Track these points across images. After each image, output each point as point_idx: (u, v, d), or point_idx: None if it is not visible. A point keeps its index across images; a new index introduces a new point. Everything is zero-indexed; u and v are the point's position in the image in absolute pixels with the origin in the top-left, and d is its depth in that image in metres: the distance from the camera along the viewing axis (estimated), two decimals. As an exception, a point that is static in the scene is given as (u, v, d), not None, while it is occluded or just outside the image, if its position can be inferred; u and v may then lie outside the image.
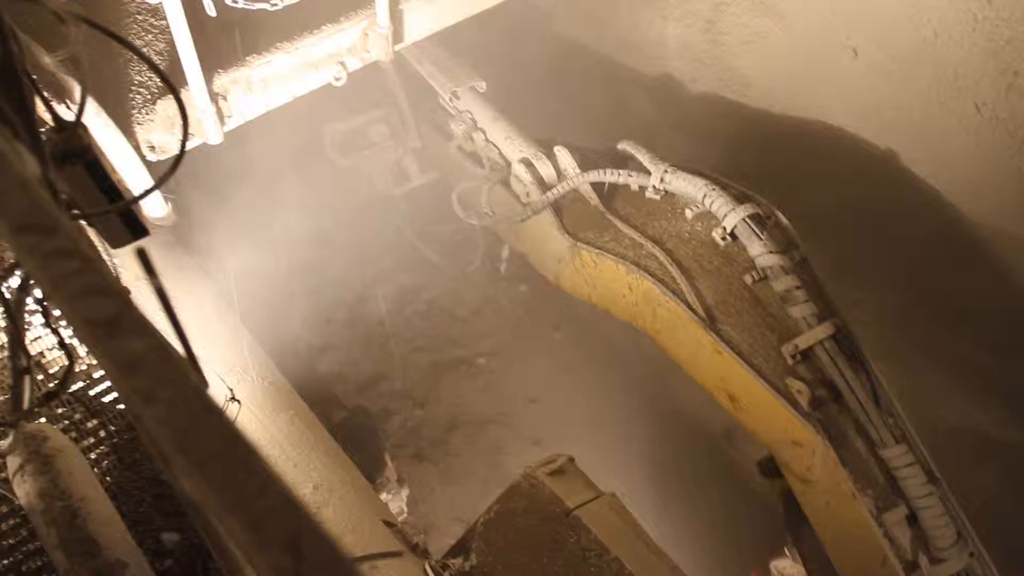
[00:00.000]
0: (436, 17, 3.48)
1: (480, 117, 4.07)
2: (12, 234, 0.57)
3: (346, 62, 3.34)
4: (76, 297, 0.54)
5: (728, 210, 3.09)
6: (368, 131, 4.72)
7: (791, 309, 3.04)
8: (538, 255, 4.00)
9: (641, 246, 3.35)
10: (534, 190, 3.68)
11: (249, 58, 3.13)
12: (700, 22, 4.42)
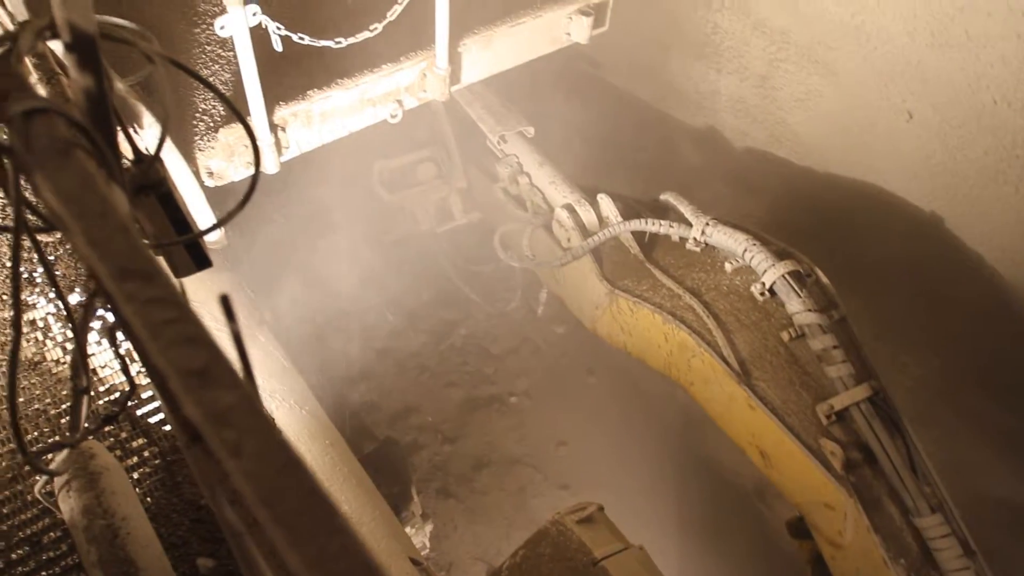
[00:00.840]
0: (492, 62, 3.55)
1: (526, 161, 4.13)
2: (113, 279, 0.59)
3: (403, 100, 3.42)
4: (171, 346, 0.56)
5: (768, 266, 3.08)
6: (416, 169, 4.82)
7: (828, 369, 3.00)
8: (576, 300, 4.01)
9: (679, 297, 3.35)
10: (575, 236, 3.70)
11: (310, 92, 3.21)
12: (753, 77, 4.44)
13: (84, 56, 1.00)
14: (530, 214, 4.07)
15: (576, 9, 3.60)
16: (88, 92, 1.03)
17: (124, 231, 0.61)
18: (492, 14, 3.51)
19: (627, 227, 3.53)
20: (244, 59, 2.85)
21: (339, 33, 3.21)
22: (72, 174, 0.65)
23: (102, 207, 0.62)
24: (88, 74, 1.02)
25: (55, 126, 0.74)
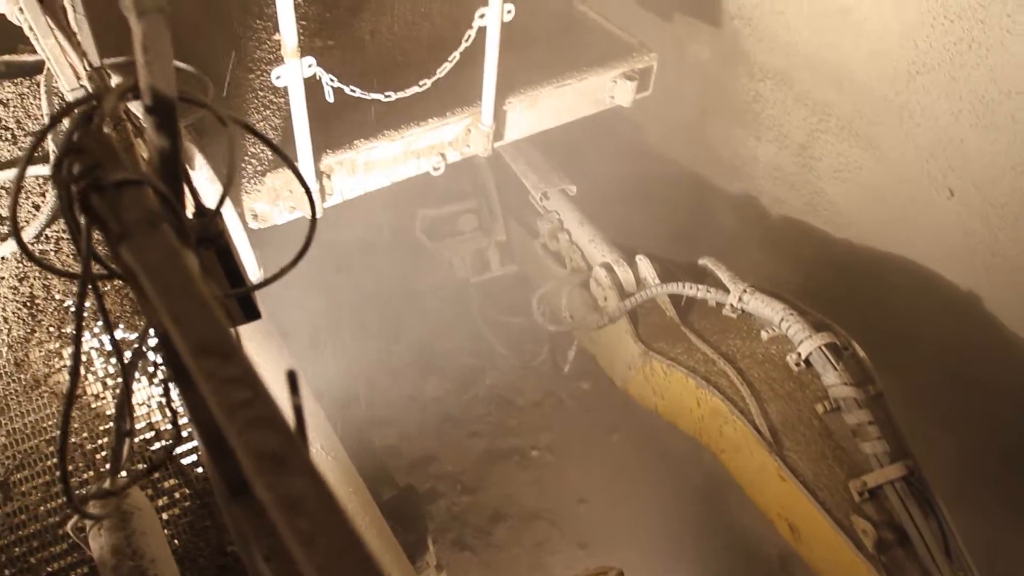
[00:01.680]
0: (535, 120, 3.61)
1: (567, 219, 4.18)
2: (192, 356, 0.61)
3: (446, 154, 3.48)
4: (247, 428, 0.57)
5: (804, 336, 3.07)
6: (458, 220, 4.90)
7: (863, 444, 2.95)
8: (608, 358, 4.00)
9: (713, 362, 3.34)
10: (612, 295, 3.72)
11: (357, 142, 3.29)
12: (793, 146, 4.46)
13: (162, 118, 1.04)
14: (568, 271, 4.10)
15: (621, 73, 3.67)
16: (162, 152, 1.07)
17: (205, 307, 0.63)
18: (538, 75, 3.58)
19: (664, 289, 3.54)
20: (296, 108, 2.93)
21: (389, 87, 3.30)
22: (159, 248, 0.67)
23: (185, 283, 0.64)
24: (164, 135, 1.06)
25: (144, 197, 0.77)
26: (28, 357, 2.33)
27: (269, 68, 3.75)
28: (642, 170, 5.20)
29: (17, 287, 2.51)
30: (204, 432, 1.11)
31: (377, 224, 5.02)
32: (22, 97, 3.16)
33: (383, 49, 3.84)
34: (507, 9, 3.08)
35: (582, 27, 3.98)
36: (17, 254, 2.60)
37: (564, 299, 4.08)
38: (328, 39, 3.89)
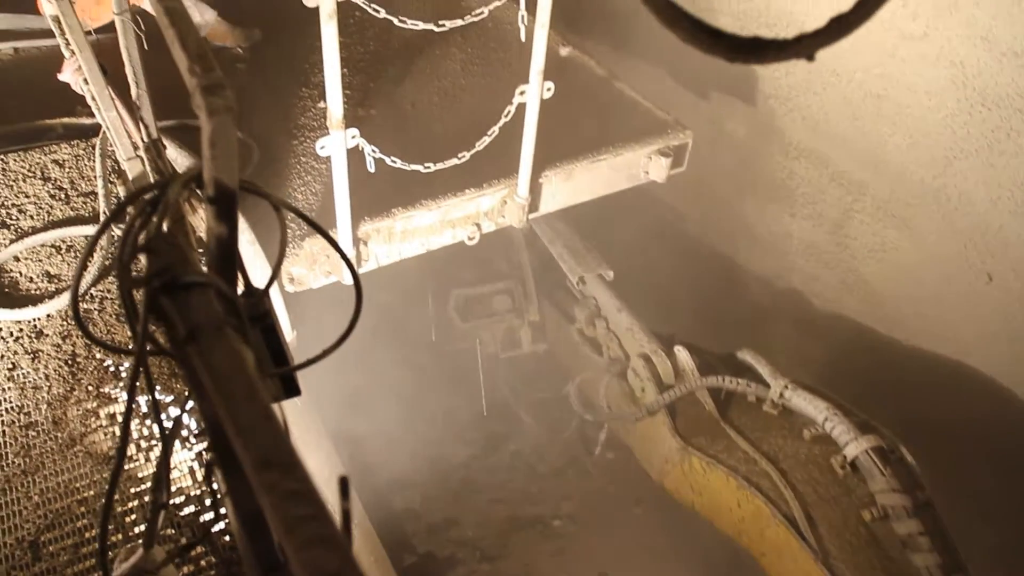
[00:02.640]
0: (570, 194, 3.66)
1: (604, 305, 4.19)
2: (255, 469, 0.62)
3: (481, 224, 3.53)
4: (306, 545, 0.57)
5: (850, 439, 2.99)
6: (492, 300, 4.94)
7: (913, 556, 2.81)
8: (644, 450, 3.95)
9: (755, 462, 3.25)
10: (650, 387, 3.68)
11: (395, 210, 3.35)
12: (828, 224, 4.46)
13: (223, 209, 1.07)
14: (605, 359, 4.08)
15: (656, 150, 3.71)
16: (220, 239, 1.10)
17: (268, 418, 0.64)
18: (575, 149, 3.64)
19: (704, 383, 3.49)
20: (338, 177, 3.00)
21: (428, 156, 3.37)
22: (224, 354, 0.69)
23: (249, 391, 0.66)
24: (223, 224, 1.09)
25: (210, 299, 0.79)
26: (66, 415, 2.36)
27: (313, 135, 3.88)
28: (675, 245, 5.22)
29: (60, 344, 2.56)
30: (242, 512, 1.11)
31: (409, 289, 5.06)
32: (77, 159, 3.28)
33: (424, 119, 3.94)
34: (547, 87, 3.15)
35: (619, 103, 4.06)
36: (62, 312, 2.66)
37: (602, 389, 4.06)
38: (371, 108, 4.01)
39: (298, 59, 4.38)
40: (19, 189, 3.13)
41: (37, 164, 3.23)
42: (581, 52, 4.44)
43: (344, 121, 2.86)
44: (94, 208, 3.03)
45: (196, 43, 1.11)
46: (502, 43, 4.35)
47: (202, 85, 1.02)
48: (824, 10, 2.84)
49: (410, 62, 4.28)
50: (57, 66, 3.59)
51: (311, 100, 4.10)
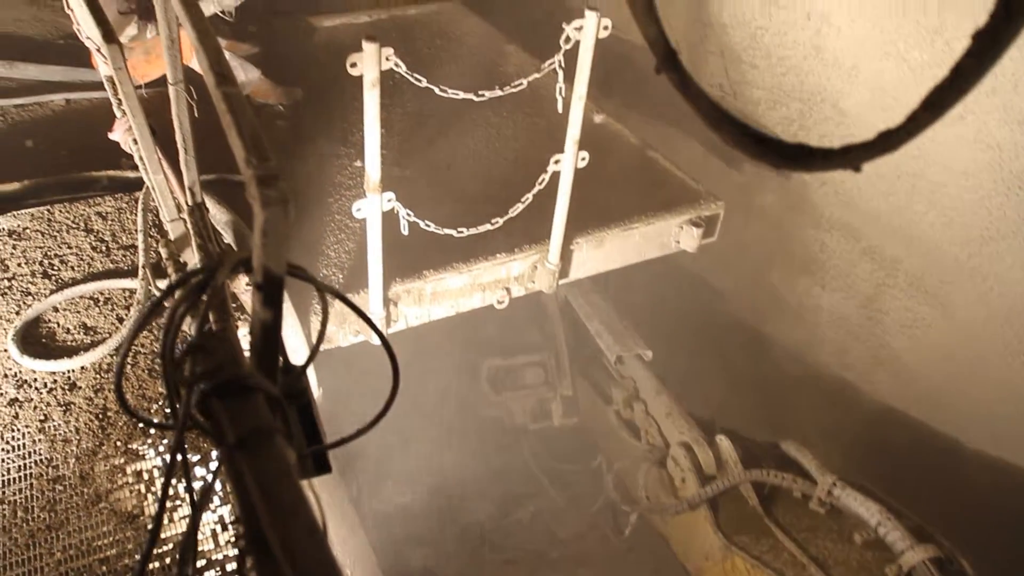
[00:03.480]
0: (601, 261, 3.67)
1: (643, 387, 4.13)
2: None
3: (511, 288, 3.54)
4: None
5: (906, 547, 2.86)
6: (525, 372, 4.92)
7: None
8: (682, 543, 3.83)
9: (803, 567, 3.12)
10: (691, 478, 3.59)
11: (426, 272, 3.37)
12: (859, 297, 4.42)
13: (269, 296, 1.09)
14: (643, 444, 4.01)
15: (687, 219, 3.73)
16: (264, 325, 1.11)
17: (313, 533, 0.64)
18: (606, 216, 3.66)
19: (748, 476, 3.40)
20: (372, 239, 3.03)
21: (461, 219, 3.41)
22: (272, 464, 0.69)
23: (294, 504, 0.65)
24: (269, 310, 1.10)
25: (259, 403, 0.80)
26: (93, 471, 2.37)
27: (349, 193, 3.95)
28: (701, 312, 5.19)
29: (92, 398, 2.59)
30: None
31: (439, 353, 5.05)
32: (120, 211, 3.36)
33: (459, 181, 4.00)
34: (582, 156, 3.19)
35: (652, 172, 4.10)
36: (96, 364, 2.69)
37: (640, 478, 3.98)
38: (407, 168, 4.08)
39: (337, 117, 4.49)
40: (62, 240, 3.20)
41: (81, 216, 3.32)
42: (615, 119, 4.51)
43: (381, 184, 2.91)
44: (133, 261, 3.08)
45: (252, 131, 1.14)
46: (537, 109, 4.43)
47: (257, 176, 1.05)
48: (861, 89, 2.88)
49: (447, 124, 4.36)
50: (106, 117, 3.70)
51: (348, 159, 4.18)
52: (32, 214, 3.33)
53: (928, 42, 3.08)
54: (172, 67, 1.95)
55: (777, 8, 3.69)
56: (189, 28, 1.46)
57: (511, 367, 4.93)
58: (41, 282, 3.02)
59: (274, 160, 1.09)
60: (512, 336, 4.93)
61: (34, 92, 4.63)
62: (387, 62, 2.64)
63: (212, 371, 0.86)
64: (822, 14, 3.45)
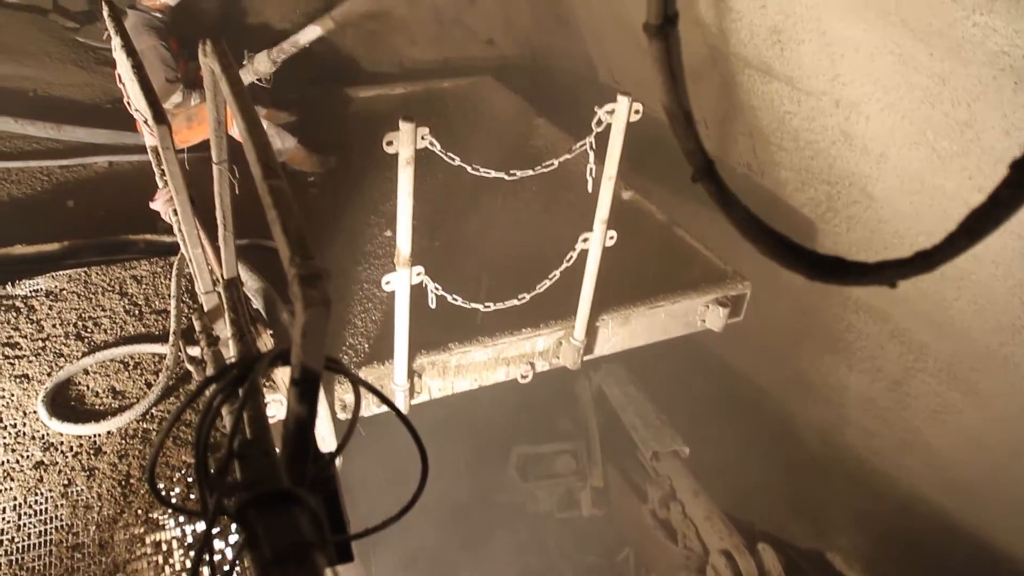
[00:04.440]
0: (627, 338, 3.67)
1: (680, 487, 4.04)
2: None
3: (535, 363, 3.54)
4: None
5: None
6: (555, 461, 4.85)
7: None
8: None
9: None
10: None
11: (451, 345, 3.38)
12: (887, 380, 4.35)
13: (305, 391, 1.10)
14: (681, 548, 3.91)
15: (714, 299, 3.72)
16: (299, 419, 1.12)
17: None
18: (632, 294, 3.67)
19: None
20: (400, 311, 3.05)
21: (488, 295, 3.43)
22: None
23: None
24: (303, 406, 1.11)
25: (298, 516, 0.80)
26: (113, 539, 2.36)
27: (377, 262, 4.00)
28: (728, 392, 5.13)
29: (116, 464, 2.60)
30: None
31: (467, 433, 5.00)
32: (155, 275, 3.42)
33: (486, 254, 4.04)
34: (610, 235, 3.22)
35: (678, 250, 4.12)
36: (123, 429, 2.71)
37: None
38: (435, 239, 4.14)
39: (368, 186, 4.58)
40: (97, 302, 3.26)
41: (117, 279, 3.39)
42: (644, 193, 4.56)
43: (411, 259, 2.95)
44: (165, 326, 3.13)
45: (297, 228, 1.17)
46: (566, 185, 4.50)
47: (300, 275, 1.07)
48: (890, 175, 2.88)
49: (477, 197, 4.43)
50: (146, 180, 3.81)
51: (378, 228, 4.25)
52: (70, 275, 3.40)
53: (958, 133, 3.10)
54: (217, 148, 2.01)
55: (806, 95, 3.74)
56: (239, 119, 1.52)
57: (541, 455, 4.84)
58: (74, 344, 3.07)
59: (317, 258, 1.12)
60: (542, 422, 4.87)
61: (79, 154, 4.79)
62: (422, 141, 2.71)
63: (251, 483, 0.86)
64: (851, 102, 3.49)
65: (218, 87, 1.83)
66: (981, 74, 2.78)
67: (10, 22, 5.86)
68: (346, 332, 3.55)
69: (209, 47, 1.82)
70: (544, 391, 3.55)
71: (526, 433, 4.91)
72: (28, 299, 3.28)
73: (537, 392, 3.60)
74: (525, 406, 3.53)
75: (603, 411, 4.68)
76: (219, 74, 1.72)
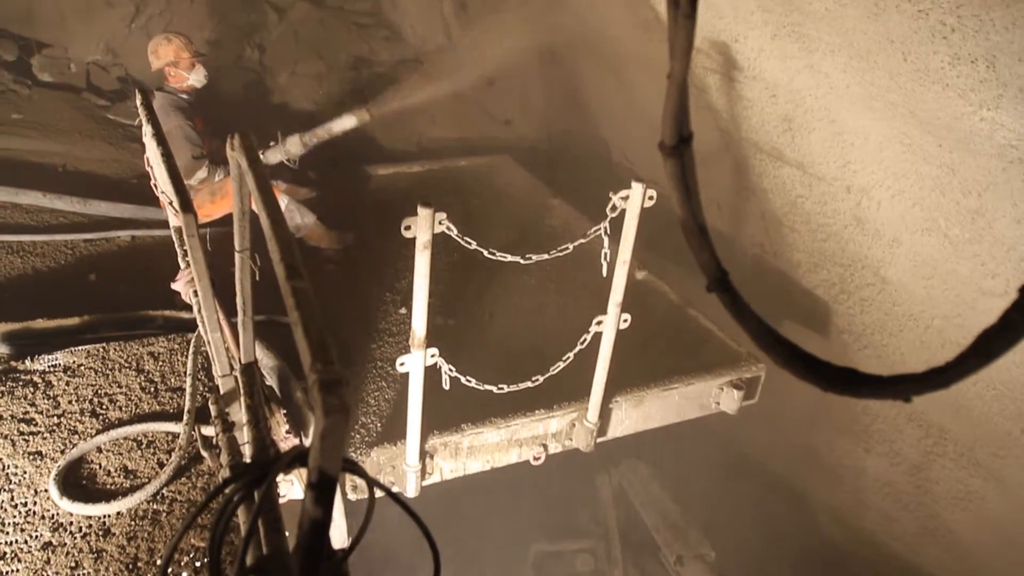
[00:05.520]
0: (640, 420, 3.64)
1: None
2: None
3: (548, 445, 3.51)
4: None
5: None
6: (575, 559, 4.76)
7: None
8: None
9: None
10: None
11: (464, 426, 3.37)
12: (906, 464, 4.27)
13: (322, 494, 1.10)
14: None
15: (728, 381, 3.70)
16: (314, 521, 1.12)
17: None
18: (646, 376, 3.66)
19: None
20: (413, 392, 3.05)
21: (502, 371, 3.43)
22: None
23: None
24: (319, 508, 1.11)
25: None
26: (117, 626, 2.33)
27: (392, 339, 4.02)
28: (743, 474, 5.05)
29: (125, 546, 2.57)
30: None
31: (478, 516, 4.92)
32: (172, 352, 3.46)
33: (500, 333, 4.06)
34: (624, 319, 3.23)
35: (692, 331, 4.12)
36: (133, 510, 2.70)
37: None
38: (450, 318, 4.16)
39: (384, 263, 4.64)
40: (114, 379, 3.29)
41: (134, 355, 3.42)
42: (658, 272, 4.59)
43: (426, 340, 2.97)
44: (180, 404, 3.14)
45: (319, 331, 1.19)
46: (580, 264, 4.54)
47: (321, 380, 1.09)
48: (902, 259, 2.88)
49: (491, 276, 4.48)
50: (167, 255, 3.88)
51: (393, 305, 4.29)
52: (88, 351, 3.44)
53: (969, 220, 3.12)
54: (240, 236, 2.06)
55: (817, 180, 3.80)
56: (263, 216, 1.56)
57: (560, 553, 4.74)
58: (89, 421, 3.08)
59: (338, 363, 1.13)
60: (560, 514, 4.78)
61: (103, 228, 4.90)
62: (439, 225, 2.76)
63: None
64: (862, 188, 3.54)
65: (244, 180, 1.89)
66: (990, 165, 2.82)
67: (46, 100, 6.10)
68: (359, 411, 3.55)
69: (237, 141, 1.88)
70: (563, 485, 3.50)
71: (543, 527, 4.81)
72: (46, 374, 3.31)
73: (555, 481, 3.55)
74: (542, 496, 3.46)
75: (623, 507, 4.60)
76: (246, 169, 1.78)
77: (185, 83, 4.43)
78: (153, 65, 4.43)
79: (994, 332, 0.98)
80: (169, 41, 4.40)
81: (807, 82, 3.39)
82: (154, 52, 4.40)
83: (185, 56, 4.39)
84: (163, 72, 4.41)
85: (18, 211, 4.92)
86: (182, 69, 4.39)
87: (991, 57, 2.35)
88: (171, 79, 4.41)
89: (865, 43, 2.80)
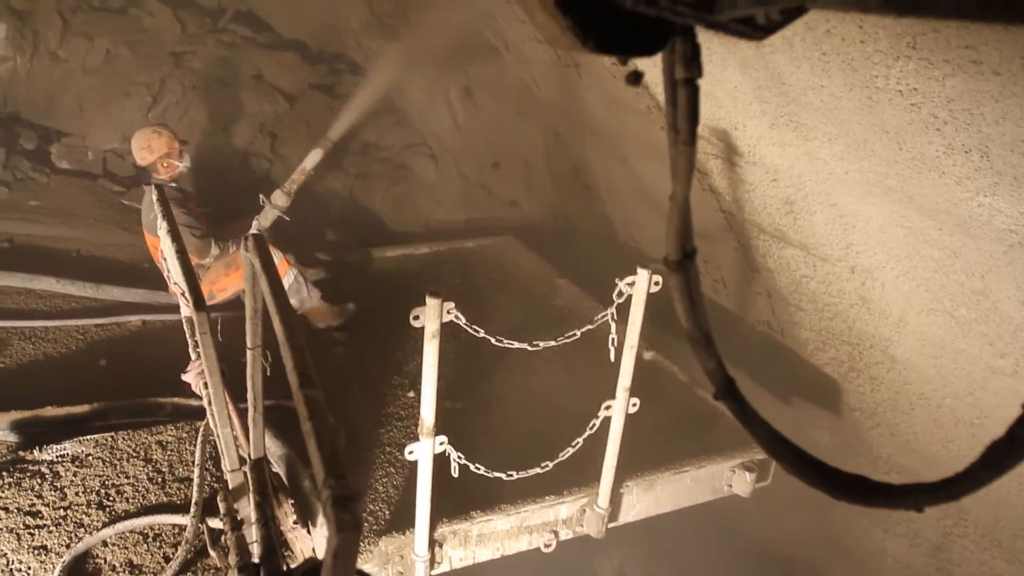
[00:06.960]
0: (651, 504, 3.59)
1: None
2: None
3: (559, 532, 3.45)
4: None
5: None
6: None
7: None
8: None
9: None
10: None
11: (473, 513, 3.33)
12: (926, 545, 4.17)
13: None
14: None
15: (740, 463, 3.67)
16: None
17: None
18: (656, 459, 3.62)
19: None
20: (422, 481, 3.03)
21: (510, 454, 3.41)
22: None
23: None
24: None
25: None
26: None
27: (400, 424, 4.01)
28: (758, 558, 4.94)
29: (128, 647, 2.52)
30: None
31: None
32: (180, 441, 3.45)
33: (508, 416, 4.04)
34: (632, 403, 3.23)
35: (702, 411, 4.10)
36: (137, 608, 2.65)
37: None
38: (457, 401, 4.15)
39: (393, 346, 4.66)
40: (121, 469, 3.28)
41: (142, 444, 3.42)
42: (666, 349, 4.59)
43: (435, 428, 2.96)
44: (187, 495, 3.12)
45: (331, 444, 1.20)
46: (588, 346, 4.54)
47: (334, 496, 1.10)
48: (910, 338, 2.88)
49: (498, 358, 4.48)
50: (177, 338, 3.90)
51: (401, 389, 4.29)
52: (97, 440, 3.44)
53: (975, 301, 3.14)
54: (252, 333, 2.09)
55: (821, 260, 3.84)
56: (276, 320, 1.59)
57: None
58: (95, 513, 3.06)
59: (350, 478, 1.14)
60: None
61: (115, 312, 4.96)
62: (448, 315, 2.79)
63: None
64: (866, 269, 3.58)
65: (257, 281, 1.93)
66: (992, 249, 2.85)
67: (63, 187, 6.26)
68: (367, 498, 3.51)
69: (251, 243, 1.93)
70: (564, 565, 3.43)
71: None
72: (54, 464, 3.30)
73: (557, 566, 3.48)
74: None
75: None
76: (259, 271, 1.82)
77: (176, 171, 4.55)
78: (145, 160, 4.49)
79: (1002, 446, 0.98)
80: (159, 134, 4.51)
81: (807, 167, 3.47)
82: (146, 147, 4.46)
83: (176, 146, 4.52)
84: (155, 164, 4.49)
85: (32, 296, 5.00)
86: (174, 159, 4.51)
87: (984, 148, 2.41)
88: (163, 170, 4.50)
89: (861, 133, 2.87)
